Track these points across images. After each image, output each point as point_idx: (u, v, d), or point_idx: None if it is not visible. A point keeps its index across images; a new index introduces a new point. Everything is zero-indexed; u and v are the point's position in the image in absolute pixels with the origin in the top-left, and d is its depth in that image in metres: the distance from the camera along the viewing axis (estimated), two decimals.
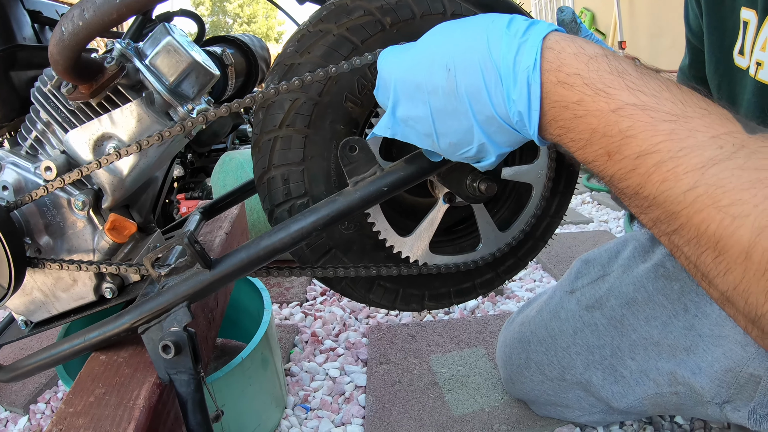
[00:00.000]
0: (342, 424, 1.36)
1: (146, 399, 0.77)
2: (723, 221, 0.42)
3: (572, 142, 0.54)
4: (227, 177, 2.15)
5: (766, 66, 0.83)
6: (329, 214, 0.72)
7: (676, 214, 0.46)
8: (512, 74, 0.55)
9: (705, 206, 0.43)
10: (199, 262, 0.76)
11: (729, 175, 0.43)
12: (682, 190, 0.45)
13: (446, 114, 0.60)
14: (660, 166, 0.46)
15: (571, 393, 1.23)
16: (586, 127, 0.52)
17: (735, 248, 0.42)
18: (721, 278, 0.44)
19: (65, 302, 0.97)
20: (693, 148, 0.45)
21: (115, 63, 0.84)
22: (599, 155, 0.52)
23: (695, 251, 0.46)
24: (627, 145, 0.49)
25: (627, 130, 0.49)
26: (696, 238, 0.45)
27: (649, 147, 0.47)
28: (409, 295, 0.96)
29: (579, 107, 0.52)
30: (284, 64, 0.81)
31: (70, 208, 0.92)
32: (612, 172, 0.51)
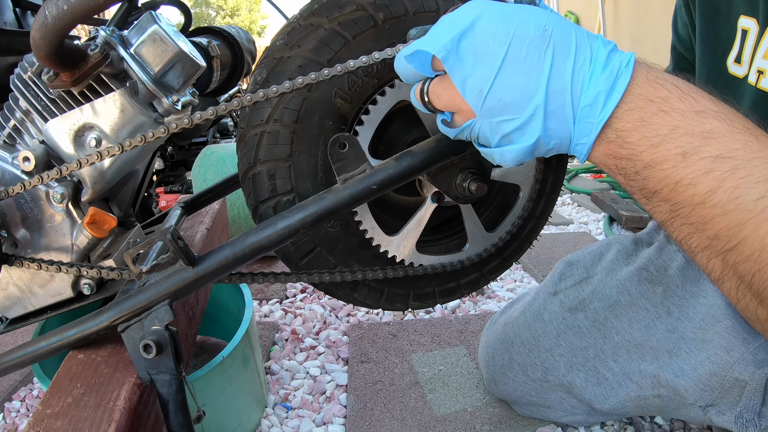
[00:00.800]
0: (323, 424, 1.35)
1: (126, 400, 0.75)
2: None
3: (644, 139, 0.54)
4: (208, 171, 2.13)
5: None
6: (317, 211, 0.70)
7: (742, 224, 0.48)
8: (604, 62, 0.56)
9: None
10: (182, 258, 0.74)
11: None
12: (753, 197, 0.48)
13: (519, 64, 0.56)
14: (735, 171, 0.49)
15: (553, 394, 1.22)
16: (668, 123, 0.53)
17: None
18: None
19: (42, 298, 0.94)
20: (765, 160, 0.48)
21: (98, 51, 0.82)
22: (674, 154, 0.52)
23: (753, 267, 0.49)
24: (707, 147, 0.51)
25: (709, 132, 0.51)
26: (759, 251, 0.48)
27: (726, 152, 0.50)
28: (394, 294, 0.95)
29: (665, 103, 0.54)
30: (273, 57, 0.79)
31: (48, 200, 0.89)
32: (682, 175, 0.52)
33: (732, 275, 0.50)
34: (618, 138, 0.56)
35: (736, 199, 0.48)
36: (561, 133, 0.59)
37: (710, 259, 0.52)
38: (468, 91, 0.58)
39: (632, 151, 0.55)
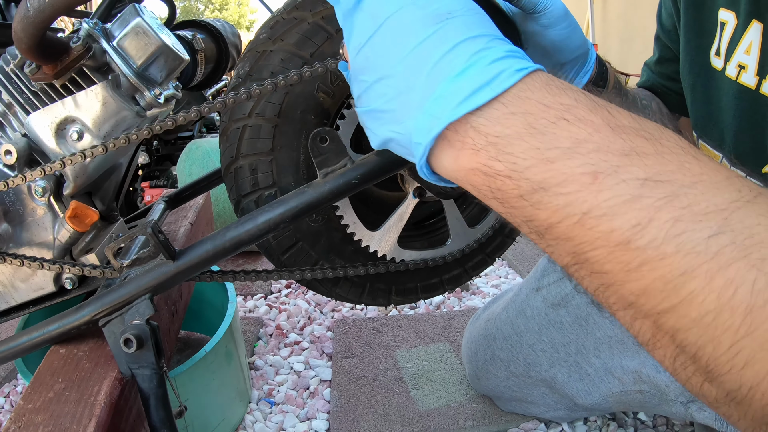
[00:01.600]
0: (307, 419, 1.35)
1: (107, 395, 0.74)
2: (757, 282, 0.32)
3: (533, 150, 0.40)
4: (193, 166, 2.12)
5: (749, 70, 0.83)
6: (298, 206, 0.70)
7: (688, 274, 0.34)
8: (493, 58, 0.42)
9: (733, 261, 0.33)
10: (163, 253, 0.74)
11: (756, 223, 0.33)
12: (703, 235, 0.34)
13: (398, 29, 0.46)
14: (673, 199, 0.35)
15: (536, 389, 1.23)
16: (571, 135, 0.39)
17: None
18: (738, 371, 0.33)
19: (24, 293, 0.94)
20: (708, 186, 0.35)
21: (81, 43, 0.81)
22: (579, 173, 0.38)
23: (702, 337, 0.34)
24: (629, 167, 0.37)
25: (632, 150, 0.38)
26: (713, 314, 0.33)
27: (657, 174, 0.36)
28: (376, 289, 0.95)
29: (569, 111, 0.40)
30: (256, 50, 0.79)
31: (29, 194, 0.88)
32: (592, 203, 0.37)
33: (668, 343, 0.36)
34: (490, 146, 0.41)
35: (678, 237, 0.34)
36: (401, 118, 0.47)
37: (635, 319, 0.38)
38: (350, 42, 0.51)
39: (513, 166, 0.40)
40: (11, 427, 0.71)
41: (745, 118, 0.85)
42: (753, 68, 0.83)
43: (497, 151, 0.41)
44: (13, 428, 0.71)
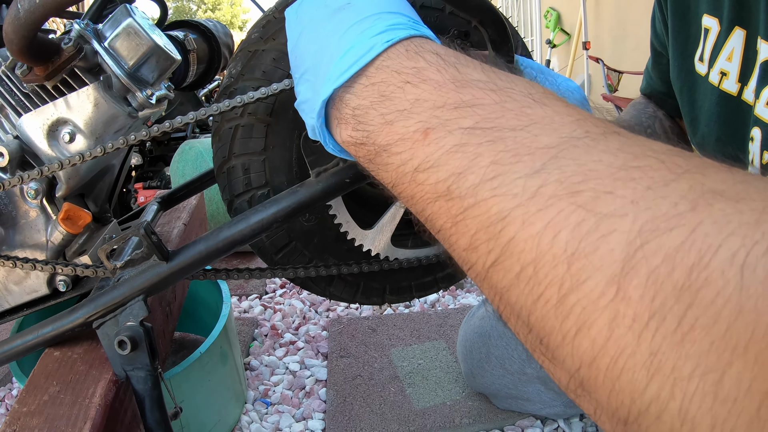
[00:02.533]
0: (303, 419, 1.35)
1: (102, 397, 0.74)
2: (584, 223, 0.28)
3: (379, 117, 0.41)
4: (186, 166, 2.11)
5: (731, 76, 0.83)
6: (290, 205, 0.70)
7: (503, 219, 0.31)
8: (373, 34, 0.44)
9: (555, 200, 0.29)
10: (156, 254, 0.73)
11: (595, 159, 0.30)
12: (520, 173, 0.31)
13: (314, 29, 0.50)
14: (494, 143, 0.34)
15: (531, 386, 1.23)
16: (411, 97, 0.40)
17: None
18: (571, 342, 0.28)
19: (17, 296, 0.93)
20: (547, 127, 0.33)
21: (72, 44, 0.81)
22: (412, 131, 0.38)
23: (526, 293, 0.30)
24: (458, 119, 0.36)
25: (466, 102, 0.37)
26: (533, 263, 0.29)
27: (483, 121, 0.35)
28: (370, 288, 0.95)
29: (416, 75, 0.41)
30: (248, 50, 0.79)
31: (22, 196, 0.88)
32: (421, 158, 0.37)
33: (509, 311, 0.32)
34: (352, 118, 0.44)
35: (494, 180, 0.32)
36: (310, 102, 0.50)
37: (480, 285, 0.35)
38: (289, 49, 0.56)
39: (366, 134, 0.42)
40: (6, 430, 0.71)
41: (726, 125, 0.86)
42: (734, 75, 0.83)
43: (356, 122, 0.43)
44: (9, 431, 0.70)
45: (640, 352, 0.25)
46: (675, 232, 0.25)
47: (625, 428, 0.26)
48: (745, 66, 0.82)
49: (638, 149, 0.30)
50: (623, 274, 0.26)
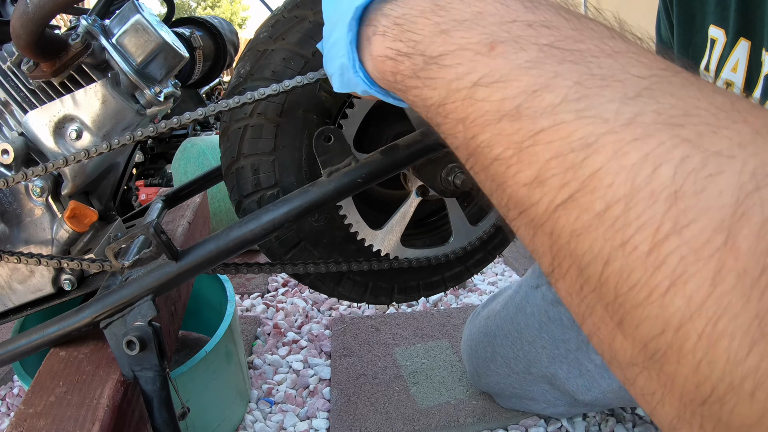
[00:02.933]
0: (307, 418, 1.34)
1: (110, 398, 0.74)
2: (690, 159, 0.24)
3: (432, 25, 0.37)
4: (188, 164, 2.11)
5: (735, 87, 0.83)
6: (302, 204, 0.69)
7: (593, 143, 0.27)
8: None
9: (655, 131, 0.26)
10: (166, 253, 0.73)
11: (693, 95, 0.27)
12: (613, 98, 0.27)
13: None
14: (578, 64, 0.30)
15: (536, 386, 1.23)
16: (474, 9, 0.36)
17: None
18: (659, 299, 0.24)
19: (21, 294, 0.93)
20: (632, 59, 0.30)
21: (80, 40, 0.80)
22: (475, 42, 0.34)
23: (616, 235, 0.25)
24: (537, 37, 0.33)
25: (542, 22, 0.33)
26: (625, 198, 0.25)
27: (566, 40, 0.32)
28: (378, 288, 0.94)
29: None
30: (257, 50, 0.78)
31: (27, 194, 0.87)
32: (485, 71, 0.33)
33: (568, 261, 0.28)
34: (395, 26, 0.39)
35: (579, 101, 0.28)
36: (341, 44, 0.45)
37: (533, 231, 0.30)
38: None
39: (412, 43, 0.38)
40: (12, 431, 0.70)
41: None
42: (739, 86, 0.82)
43: (401, 31, 0.39)
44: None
45: (746, 314, 0.21)
46: None
47: (700, 409, 0.23)
48: (750, 77, 0.81)
49: (734, 96, 0.26)
50: (734, 220, 0.22)
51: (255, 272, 0.82)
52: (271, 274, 0.83)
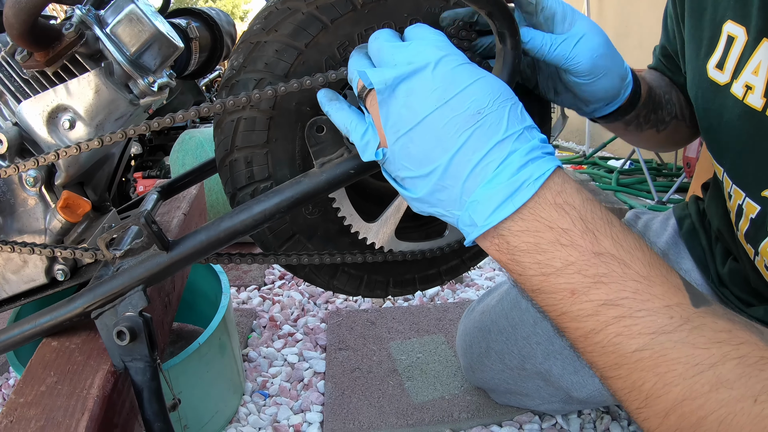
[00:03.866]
0: (301, 411, 1.34)
1: (100, 388, 0.73)
2: (656, 384, 0.48)
3: (536, 265, 0.54)
4: (186, 156, 2.10)
5: (756, 91, 0.80)
6: (293, 195, 0.69)
7: (618, 365, 0.50)
8: (515, 169, 0.54)
9: (646, 367, 0.49)
10: (156, 243, 0.72)
11: (671, 347, 0.48)
12: (632, 348, 0.49)
13: (435, 130, 0.56)
14: (620, 320, 0.50)
15: (530, 382, 1.23)
16: (564, 257, 0.52)
17: (659, 406, 0.49)
18: (636, 415, 0.51)
19: (15, 285, 0.93)
20: (649, 312, 0.49)
21: (73, 30, 0.80)
22: (563, 289, 0.52)
23: (625, 391, 0.51)
24: (597, 290, 0.51)
25: (602, 276, 0.51)
26: (630, 386, 0.50)
27: (615, 298, 0.50)
28: (373, 281, 0.94)
29: (565, 236, 0.52)
30: (250, 42, 0.78)
31: (21, 184, 0.87)
32: (567, 309, 0.53)
33: (610, 384, 0.53)
34: (509, 252, 0.55)
35: (616, 345, 0.50)
36: (447, 206, 0.59)
37: (589, 357, 0.54)
38: (388, 127, 0.60)
39: (522, 270, 0.55)
40: (3, 421, 0.70)
41: (748, 140, 0.82)
42: (761, 90, 0.79)
43: (512, 258, 0.55)
44: (5, 422, 0.70)
45: None
46: None
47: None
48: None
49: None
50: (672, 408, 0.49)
51: (248, 262, 0.82)
52: (264, 264, 0.83)
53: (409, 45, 0.60)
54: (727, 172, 0.88)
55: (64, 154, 0.77)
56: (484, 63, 0.76)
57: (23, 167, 0.78)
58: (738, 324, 0.49)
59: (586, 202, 0.54)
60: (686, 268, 1.09)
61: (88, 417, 0.69)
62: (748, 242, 0.86)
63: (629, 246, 0.52)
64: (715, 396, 0.46)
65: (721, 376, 0.46)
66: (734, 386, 0.46)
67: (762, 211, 0.81)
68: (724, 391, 0.46)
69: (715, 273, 1.05)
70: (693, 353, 0.47)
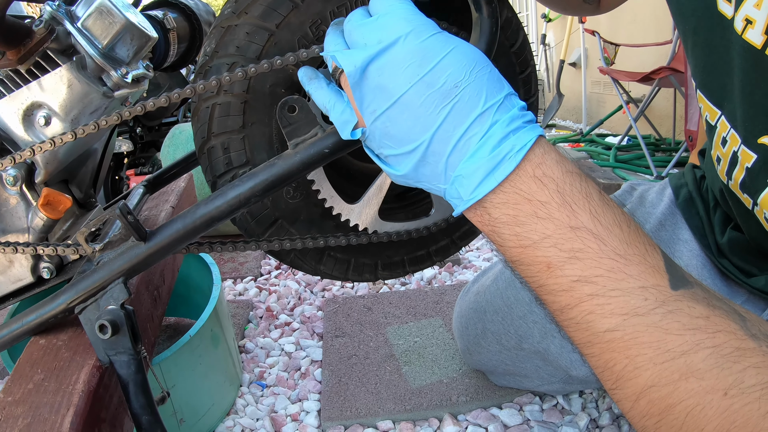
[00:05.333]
0: (298, 400, 1.34)
1: (85, 383, 0.73)
2: (627, 367, 0.48)
3: (514, 237, 0.54)
4: (177, 150, 2.10)
5: (757, 26, 0.72)
6: (268, 178, 0.68)
7: (590, 343, 0.51)
8: (496, 142, 0.54)
9: (617, 349, 0.49)
10: (133, 234, 0.72)
11: (643, 330, 0.48)
12: (603, 328, 0.49)
13: (412, 108, 0.56)
14: (593, 298, 0.50)
15: (529, 362, 1.22)
16: (541, 230, 0.52)
17: (630, 390, 0.49)
18: (612, 395, 0.52)
19: (2, 285, 0.92)
20: (623, 292, 0.49)
21: (43, 26, 0.79)
22: (539, 261, 0.53)
23: (599, 369, 0.52)
24: (571, 266, 0.51)
25: (577, 252, 0.51)
26: (603, 366, 0.51)
27: (589, 275, 0.50)
28: (361, 264, 0.93)
29: (543, 208, 0.53)
30: (221, 26, 0.76)
31: (1, 183, 0.87)
32: (544, 282, 0.53)
33: (587, 353, 0.53)
34: (490, 223, 0.56)
35: (589, 323, 0.50)
36: (432, 181, 0.59)
37: (568, 329, 0.54)
38: (363, 108, 0.59)
39: (503, 242, 0.56)
40: None
41: (746, 80, 0.76)
42: (761, 25, 0.71)
43: (493, 229, 0.56)
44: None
45: None
46: None
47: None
48: None
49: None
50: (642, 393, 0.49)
51: (229, 250, 0.81)
52: (246, 251, 0.82)
53: (377, 20, 0.59)
54: (725, 116, 0.83)
55: (40, 150, 0.76)
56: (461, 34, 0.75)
57: (1, 166, 0.78)
58: (718, 310, 0.48)
59: (566, 174, 0.54)
60: (684, 238, 1.08)
61: (73, 412, 0.69)
62: (744, 192, 0.83)
63: (608, 222, 0.52)
64: (684, 385, 0.46)
65: (691, 365, 0.46)
66: (705, 377, 0.45)
67: (759, 160, 0.77)
68: (693, 381, 0.45)
69: (714, 243, 1.03)
70: (665, 338, 0.47)
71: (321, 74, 0.66)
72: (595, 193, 0.54)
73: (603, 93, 5.05)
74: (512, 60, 0.87)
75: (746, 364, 0.45)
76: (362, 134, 0.61)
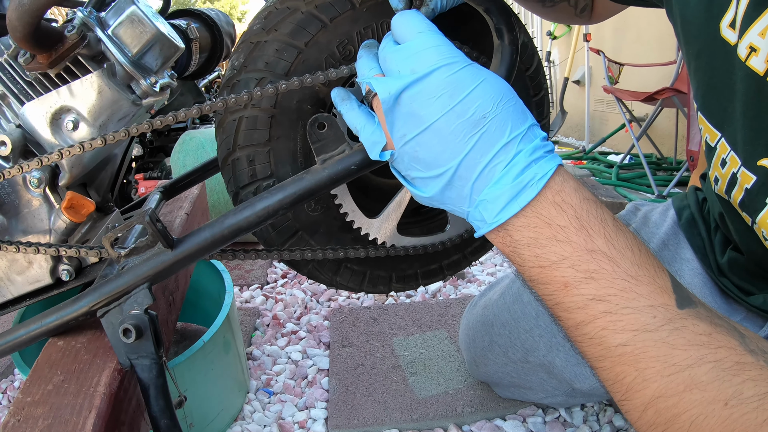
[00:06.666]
0: (305, 408, 1.35)
1: (107, 386, 0.74)
2: (636, 379, 0.52)
3: (534, 258, 0.57)
4: (187, 157, 2.11)
5: (761, 54, 0.74)
6: (296, 192, 0.70)
7: (603, 357, 0.54)
8: (519, 170, 0.57)
9: (627, 362, 0.52)
10: (161, 241, 0.73)
11: (652, 345, 0.51)
12: (615, 342, 0.53)
13: (443, 135, 0.59)
14: (606, 315, 0.53)
15: (534, 375, 1.23)
16: (559, 252, 0.56)
17: (638, 400, 0.52)
18: (621, 406, 0.55)
19: (20, 286, 0.93)
20: (634, 310, 0.53)
21: (75, 32, 0.81)
22: (557, 281, 0.56)
23: (609, 382, 0.55)
24: (587, 285, 0.54)
25: (593, 273, 0.54)
26: (613, 378, 0.54)
27: (603, 294, 0.54)
28: (376, 277, 0.95)
29: (562, 232, 0.56)
30: (250, 41, 0.78)
31: (25, 185, 0.88)
32: (561, 300, 0.56)
33: (598, 369, 0.56)
34: (511, 245, 0.59)
35: (602, 338, 0.53)
36: (456, 204, 0.62)
37: (577, 343, 0.58)
38: (394, 132, 0.62)
39: (522, 262, 0.59)
40: (10, 420, 0.71)
41: (749, 104, 0.78)
42: (765, 53, 0.74)
43: (513, 250, 0.59)
44: (12, 422, 0.70)
45: None
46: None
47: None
48: None
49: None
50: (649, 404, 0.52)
51: (252, 258, 0.82)
52: (267, 260, 0.83)
53: (409, 48, 0.61)
54: (725, 138, 0.85)
55: (68, 154, 0.77)
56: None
57: (27, 168, 0.79)
58: (719, 328, 0.52)
59: (583, 201, 0.58)
60: (686, 257, 1.10)
61: (95, 414, 0.70)
62: (744, 211, 0.84)
63: (620, 245, 0.56)
64: (688, 396, 0.49)
65: (695, 378, 0.49)
66: (707, 389, 0.49)
67: (758, 181, 0.79)
68: (697, 393, 0.49)
69: (714, 263, 1.05)
70: (671, 353, 0.50)
71: (353, 96, 0.68)
72: (609, 219, 0.58)
73: (606, 111, 5.07)
74: (527, 83, 0.89)
75: (745, 377, 0.48)
76: (390, 156, 0.64)
